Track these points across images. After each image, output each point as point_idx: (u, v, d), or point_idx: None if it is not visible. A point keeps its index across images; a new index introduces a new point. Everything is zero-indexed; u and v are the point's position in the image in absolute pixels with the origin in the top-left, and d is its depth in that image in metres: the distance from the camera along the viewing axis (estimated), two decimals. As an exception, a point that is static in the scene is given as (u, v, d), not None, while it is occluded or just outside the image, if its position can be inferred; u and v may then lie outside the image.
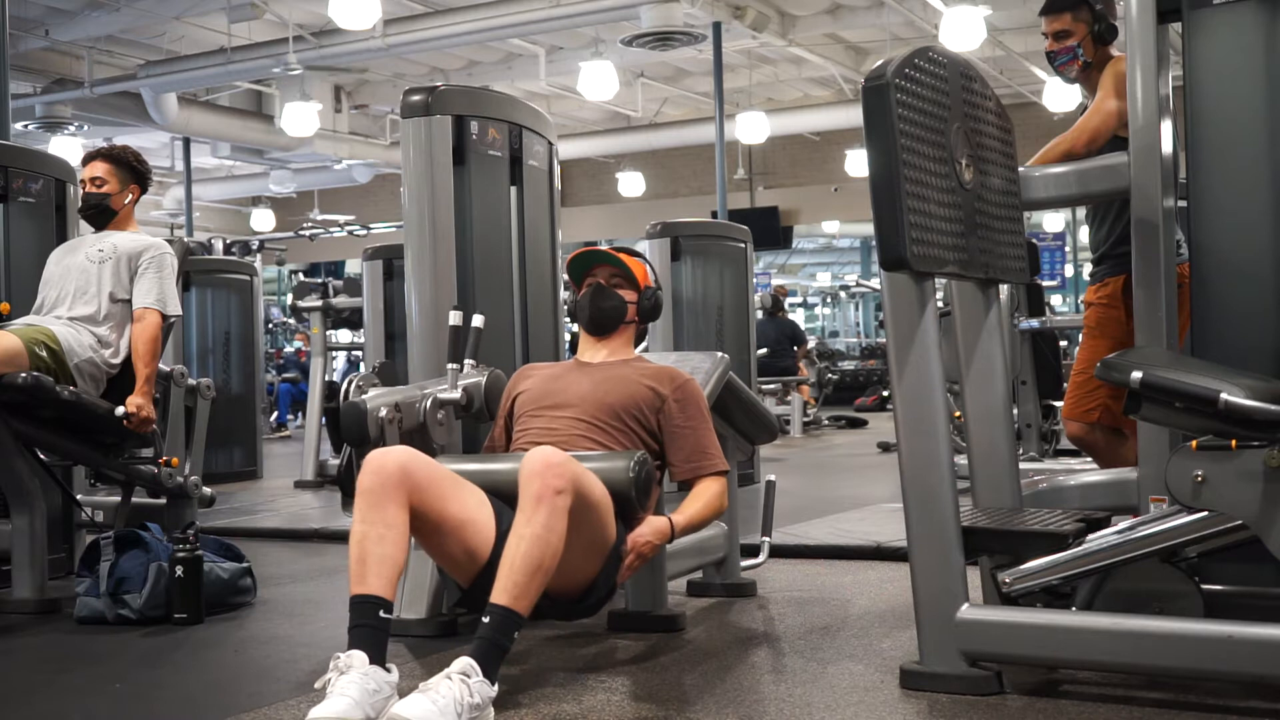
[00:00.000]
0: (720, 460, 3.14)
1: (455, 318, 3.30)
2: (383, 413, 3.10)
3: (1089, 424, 3.95)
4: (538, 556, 2.49)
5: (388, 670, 2.40)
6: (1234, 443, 2.39)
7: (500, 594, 2.47)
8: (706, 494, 3.08)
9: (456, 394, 3.27)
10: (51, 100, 12.71)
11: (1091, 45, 3.90)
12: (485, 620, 2.46)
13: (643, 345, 3.55)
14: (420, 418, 3.21)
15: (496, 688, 2.40)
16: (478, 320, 3.41)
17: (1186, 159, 2.86)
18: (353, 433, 3.09)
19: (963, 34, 9.90)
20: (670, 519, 2.94)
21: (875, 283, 14.17)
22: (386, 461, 2.61)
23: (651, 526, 2.89)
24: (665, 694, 2.64)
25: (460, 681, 2.31)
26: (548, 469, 2.54)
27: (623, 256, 3.29)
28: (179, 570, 3.49)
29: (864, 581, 3.95)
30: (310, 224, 15.77)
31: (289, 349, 15.44)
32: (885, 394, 13.95)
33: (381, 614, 2.46)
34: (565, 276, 3.56)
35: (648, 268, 3.33)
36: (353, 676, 2.32)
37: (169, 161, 16.72)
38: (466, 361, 3.36)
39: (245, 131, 14.71)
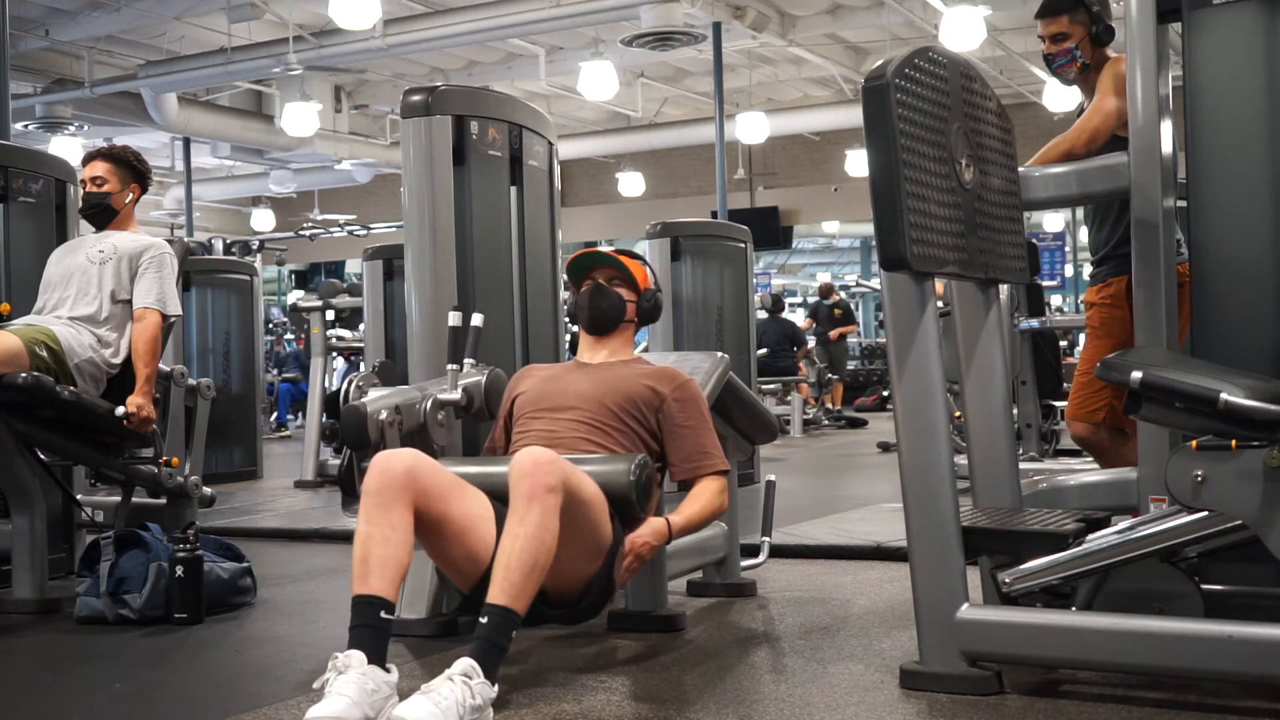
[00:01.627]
0: (720, 460, 3.14)
1: (455, 318, 3.30)
2: (383, 415, 3.10)
3: (1094, 424, 3.94)
4: (532, 555, 2.49)
5: (387, 670, 2.40)
6: (1234, 443, 2.39)
7: (497, 594, 2.47)
8: (705, 494, 3.07)
9: (456, 395, 3.27)
10: (51, 100, 12.71)
11: (1089, 47, 3.90)
12: (483, 620, 2.46)
13: (642, 346, 3.55)
14: (420, 419, 3.21)
15: (496, 688, 2.40)
16: (477, 319, 3.41)
17: (1186, 159, 2.86)
18: (353, 436, 3.09)
19: (963, 34, 9.90)
20: (668, 520, 2.94)
21: (875, 283, 14.17)
22: (393, 464, 2.61)
23: (650, 528, 2.89)
24: (665, 694, 2.65)
25: (462, 683, 2.31)
26: (537, 467, 2.54)
27: (622, 258, 3.29)
28: (179, 570, 3.49)
29: (864, 581, 3.95)
30: (310, 224, 15.77)
31: (290, 347, 15.42)
32: (885, 394, 13.97)
33: (383, 614, 2.46)
34: (565, 278, 3.56)
35: (647, 270, 3.33)
36: (351, 676, 2.32)
37: (169, 161, 16.72)
38: (466, 361, 3.36)
39: (245, 131, 14.71)
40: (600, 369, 3.21)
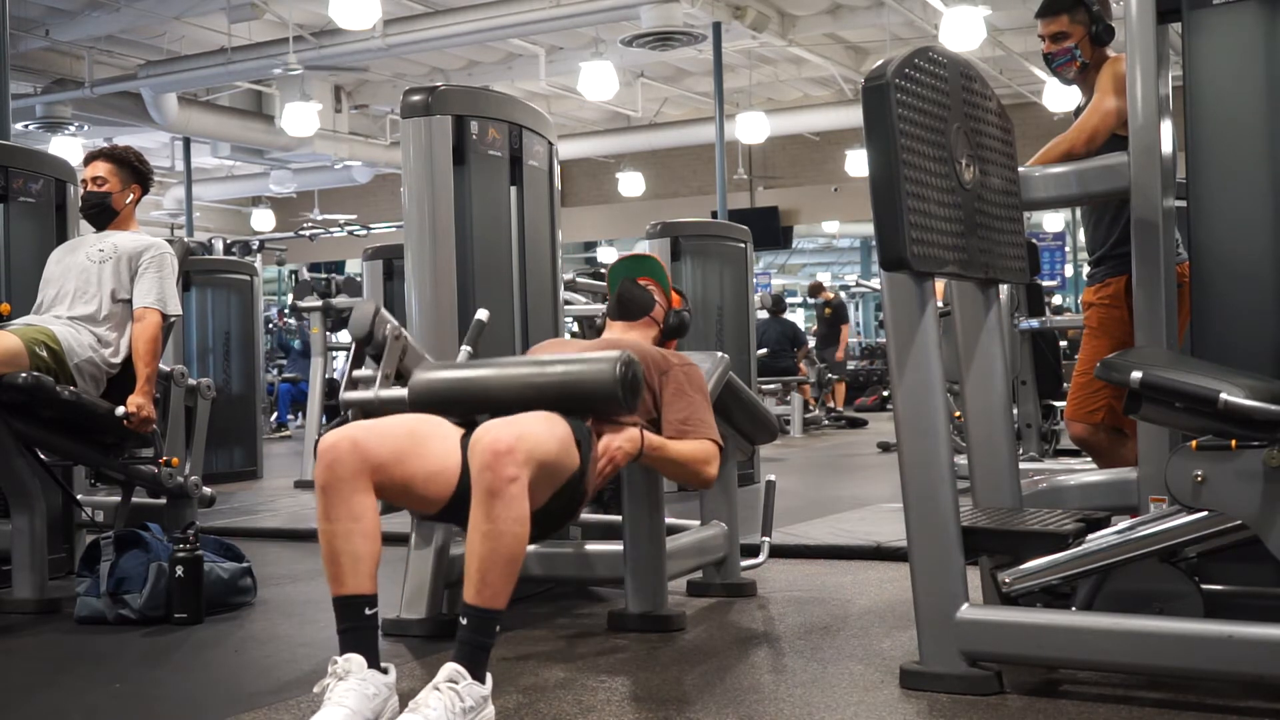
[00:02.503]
0: (714, 432, 3.14)
1: (483, 314, 3.34)
2: (389, 326, 3.11)
3: (1093, 425, 3.94)
4: (504, 550, 2.40)
5: (383, 671, 2.39)
6: (1234, 443, 2.39)
7: (472, 595, 2.40)
8: (694, 444, 3.08)
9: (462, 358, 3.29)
10: (51, 100, 12.72)
11: (1089, 46, 3.91)
12: (463, 622, 2.39)
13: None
14: (420, 359, 3.21)
15: (490, 683, 2.39)
16: (482, 314, 3.41)
17: (1186, 159, 2.86)
18: (360, 326, 3.07)
19: (963, 34, 9.90)
20: (644, 432, 2.93)
21: (875, 283, 14.16)
22: (339, 444, 2.50)
23: (626, 434, 2.87)
24: (665, 694, 2.65)
25: (449, 689, 2.30)
26: (497, 459, 2.42)
27: (654, 282, 3.50)
28: (179, 570, 3.49)
29: (864, 581, 3.95)
30: (310, 224, 15.77)
31: (295, 345, 15.40)
32: (885, 394, 13.95)
33: (366, 611, 2.43)
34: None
35: (683, 300, 3.56)
36: (350, 683, 2.30)
37: (169, 161, 16.73)
38: (464, 349, 3.36)
39: (245, 131, 14.72)
40: (604, 340, 3.35)
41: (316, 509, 2.50)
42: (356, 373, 3.15)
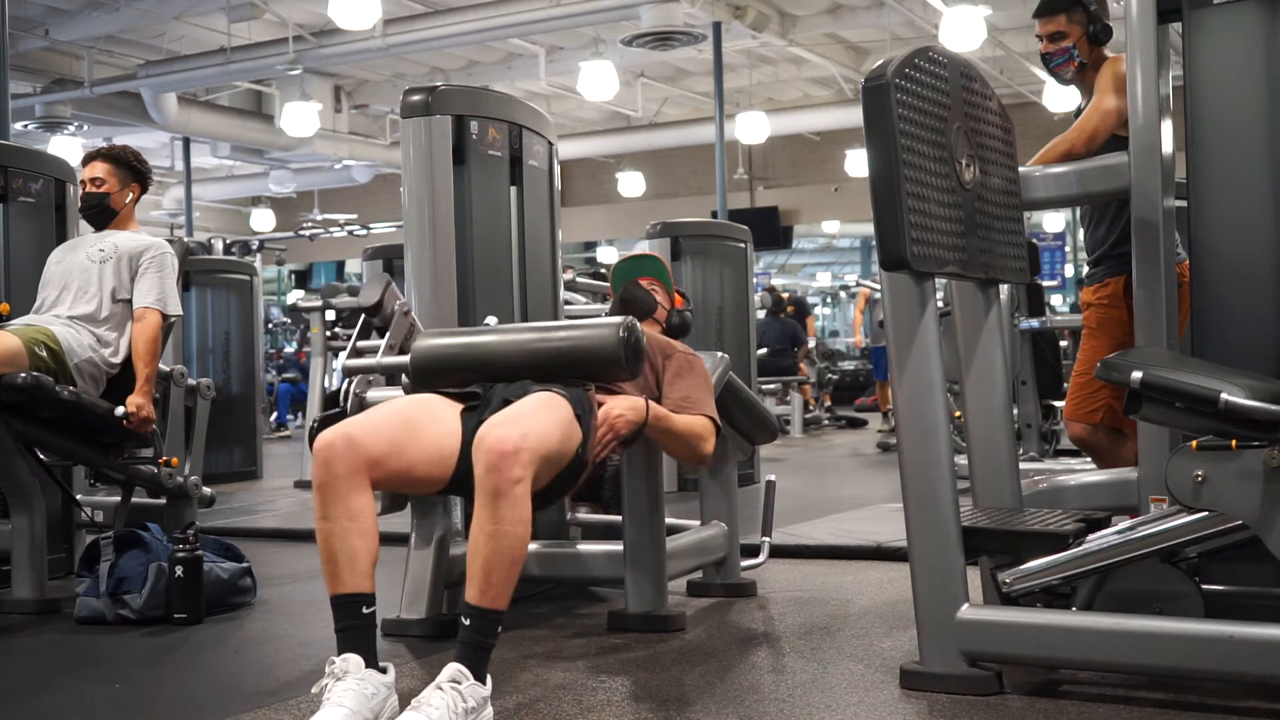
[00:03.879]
0: (713, 411, 3.16)
1: (492, 321, 3.38)
2: (399, 302, 3.12)
3: (1092, 425, 3.94)
4: (508, 551, 2.40)
5: (382, 670, 2.39)
6: (1234, 443, 2.39)
7: (475, 595, 2.40)
8: (693, 420, 3.09)
9: None
10: (51, 100, 12.71)
11: (1087, 46, 3.91)
12: (465, 622, 2.40)
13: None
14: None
15: (490, 684, 2.39)
16: (491, 321, 3.42)
17: (1186, 159, 2.86)
18: (370, 296, 3.08)
19: (963, 34, 9.90)
20: (648, 401, 2.93)
21: (875, 282, 14.13)
22: (334, 443, 2.49)
23: (628, 402, 2.88)
24: (665, 694, 2.64)
25: (451, 689, 2.30)
26: (502, 460, 2.40)
27: (660, 282, 3.55)
28: (179, 570, 3.49)
29: (864, 581, 3.95)
30: (310, 224, 15.76)
31: (289, 349, 15.40)
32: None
33: (364, 610, 2.43)
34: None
35: (685, 300, 3.60)
36: (349, 683, 2.30)
37: (169, 161, 16.73)
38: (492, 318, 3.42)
39: (245, 131, 14.71)
40: None
41: (314, 508, 2.50)
42: (361, 343, 3.15)
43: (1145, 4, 2.85)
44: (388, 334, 3.15)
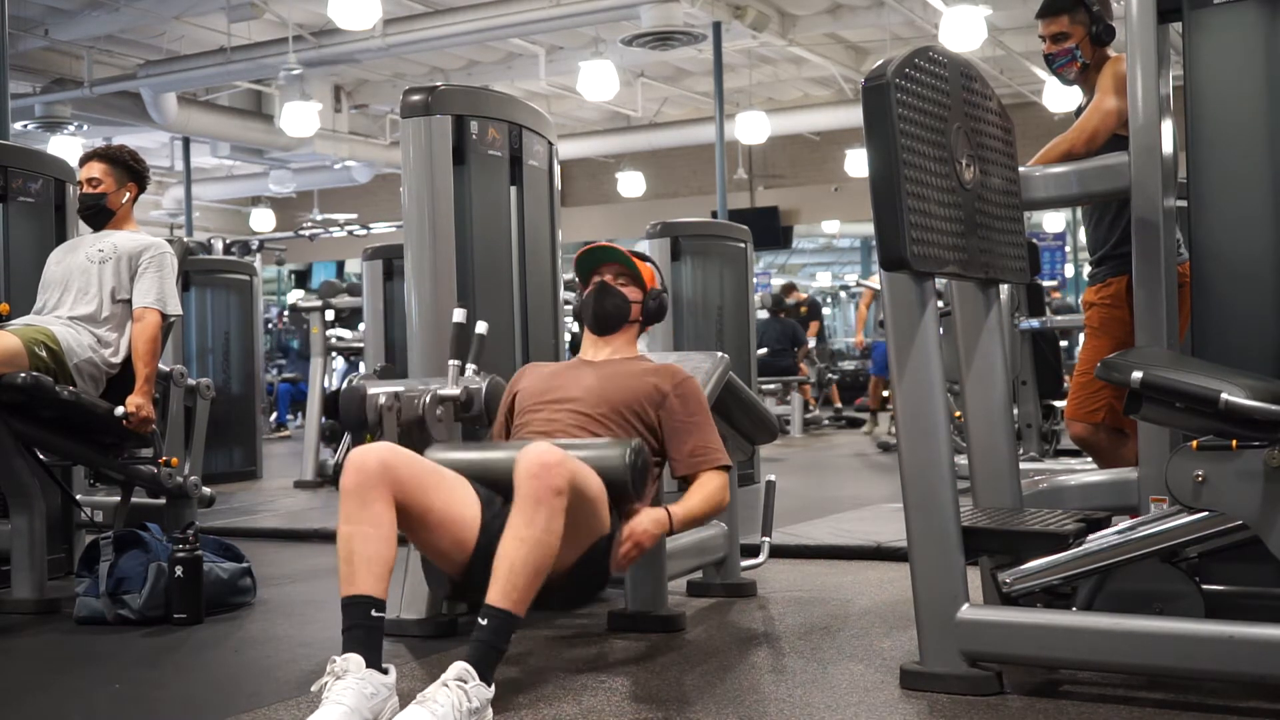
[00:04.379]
0: (722, 454, 3.13)
1: (459, 315, 3.30)
2: (382, 400, 3.10)
3: (1093, 425, 3.94)
4: (536, 560, 2.47)
5: (384, 671, 2.39)
6: (1234, 443, 2.39)
7: (497, 596, 2.45)
8: (707, 488, 3.06)
9: (456, 390, 3.26)
10: (51, 100, 12.70)
11: (1089, 47, 3.90)
12: (482, 622, 2.44)
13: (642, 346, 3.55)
14: (419, 411, 3.20)
15: (494, 689, 2.40)
16: (481, 327, 3.40)
17: (1186, 159, 2.86)
18: (351, 415, 3.09)
19: (963, 34, 9.89)
20: (669, 510, 2.92)
21: (875, 282, 14.13)
22: (368, 459, 2.58)
23: (650, 516, 2.87)
24: (665, 694, 2.64)
25: (457, 688, 2.30)
26: (545, 470, 2.50)
27: (630, 256, 3.28)
28: (179, 570, 3.49)
29: (864, 581, 3.95)
30: (310, 224, 15.76)
31: (294, 345, 15.38)
32: (885, 394, 13.93)
33: (373, 613, 2.44)
34: (571, 275, 3.56)
35: (655, 270, 3.33)
36: (348, 682, 2.31)
37: (169, 161, 16.72)
38: (469, 366, 3.36)
39: (245, 131, 14.71)
40: (603, 365, 3.21)
41: (339, 513, 2.55)
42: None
43: (1145, 4, 2.85)
44: (384, 435, 3.15)
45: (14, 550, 3.77)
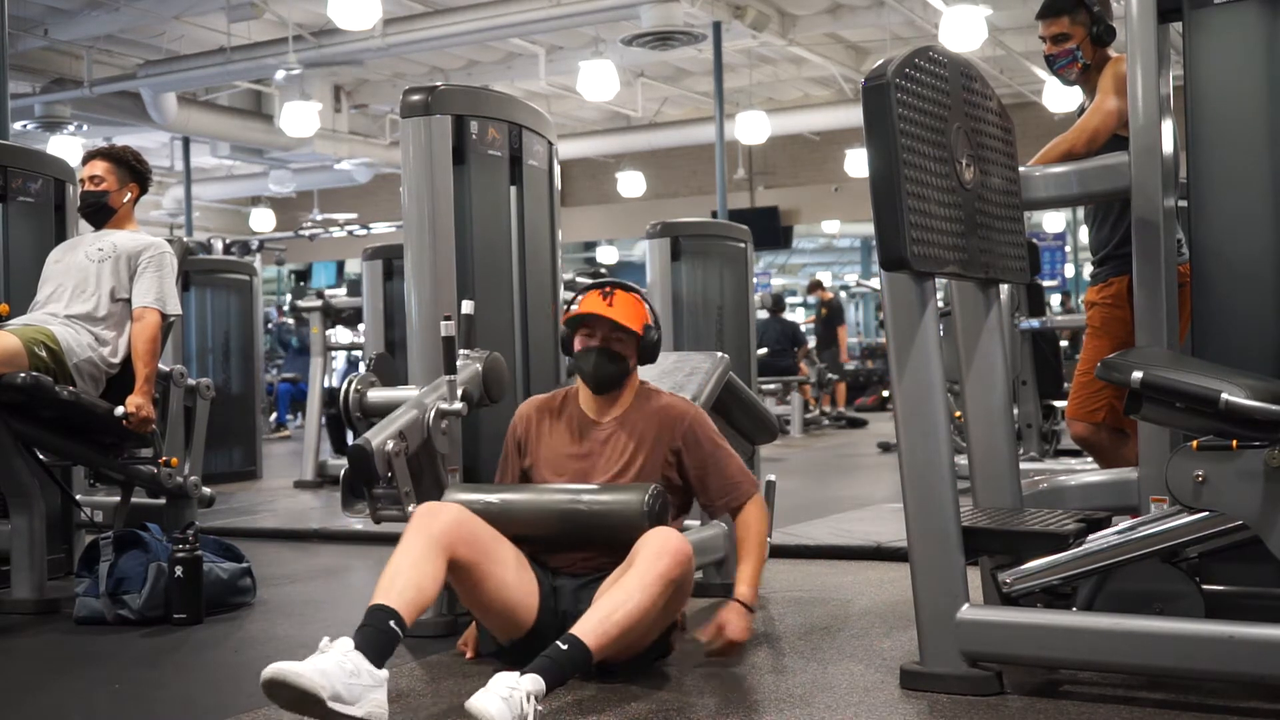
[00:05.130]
0: (749, 482, 3.10)
1: (447, 328, 3.25)
2: (389, 447, 3.11)
3: (1094, 424, 3.94)
4: (638, 619, 2.58)
5: (380, 669, 2.37)
6: (1235, 443, 2.39)
7: (587, 632, 2.51)
8: (753, 526, 3.04)
9: (458, 406, 3.27)
10: (51, 100, 12.70)
11: (1090, 47, 3.90)
12: (564, 647, 2.48)
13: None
14: (425, 434, 3.22)
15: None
16: (467, 306, 3.39)
17: (1186, 159, 2.86)
18: (364, 475, 3.11)
19: (963, 34, 9.89)
20: (741, 600, 2.90)
21: (875, 283, 14.13)
22: (439, 516, 2.70)
23: (735, 613, 2.87)
24: (665, 694, 2.64)
25: (532, 701, 2.32)
26: (679, 555, 2.66)
27: (617, 302, 3.05)
28: (179, 570, 3.49)
29: (864, 581, 3.95)
30: (310, 224, 15.76)
31: (294, 343, 15.37)
32: (885, 394, 13.94)
33: (391, 623, 2.45)
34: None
35: (645, 306, 3.12)
36: (331, 654, 2.32)
37: (169, 161, 16.72)
38: (462, 352, 3.36)
39: (245, 131, 14.71)
40: (614, 434, 3.08)
41: (402, 537, 2.64)
42: (377, 490, 3.18)
43: (1145, 4, 2.85)
44: (399, 484, 3.17)
45: (14, 550, 3.77)
